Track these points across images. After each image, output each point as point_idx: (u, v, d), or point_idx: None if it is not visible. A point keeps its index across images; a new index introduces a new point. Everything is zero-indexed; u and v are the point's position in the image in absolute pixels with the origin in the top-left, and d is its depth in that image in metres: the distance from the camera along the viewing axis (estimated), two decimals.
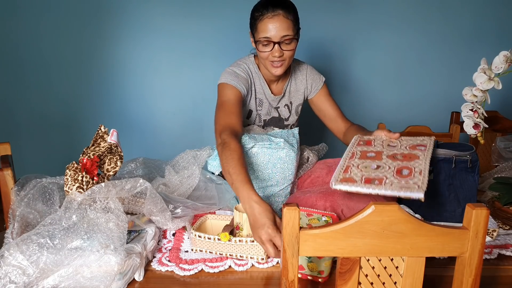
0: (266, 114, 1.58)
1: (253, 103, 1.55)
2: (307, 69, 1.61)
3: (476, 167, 1.26)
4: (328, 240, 0.72)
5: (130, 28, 2.40)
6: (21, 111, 2.47)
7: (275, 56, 1.37)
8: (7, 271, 0.85)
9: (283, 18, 1.34)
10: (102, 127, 1.17)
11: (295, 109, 1.62)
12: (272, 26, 1.34)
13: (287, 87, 1.57)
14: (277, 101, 1.58)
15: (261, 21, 1.35)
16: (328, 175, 1.30)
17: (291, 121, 1.63)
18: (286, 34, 1.35)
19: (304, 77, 1.59)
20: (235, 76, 1.45)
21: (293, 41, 1.38)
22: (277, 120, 1.60)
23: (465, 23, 2.47)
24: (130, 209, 1.09)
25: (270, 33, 1.35)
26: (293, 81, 1.58)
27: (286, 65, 1.42)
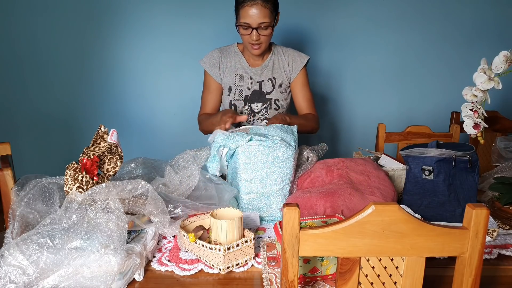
0: (247, 89, 1.73)
1: (231, 79, 1.72)
2: (289, 50, 1.77)
3: (476, 167, 1.26)
4: (328, 240, 0.72)
5: (130, 28, 2.40)
6: (21, 111, 2.47)
7: (253, 39, 1.58)
8: (7, 271, 0.85)
9: (261, 7, 1.53)
10: (102, 127, 1.17)
11: (279, 85, 1.75)
12: (251, 13, 1.53)
13: (268, 62, 1.74)
14: (258, 74, 1.73)
15: (242, 8, 1.55)
16: (327, 175, 1.30)
17: (275, 95, 1.74)
18: (263, 21, 1.55)
19: (285, 57, 1.75)
20: (210, 63, 1.73)
21: (269, 27, 1.58)
22: (259, 94, 1.74)
23: (465, 23, 2.47)
24: (130, 209, 1.09)
25: (249, 19, 1.54)
26: (275, 57, 1.75)
27: (263, 47, 1.63)
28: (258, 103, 1.74)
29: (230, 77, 1.73)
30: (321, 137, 2.63)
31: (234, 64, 1.73)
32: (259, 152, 1.28)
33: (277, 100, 1.75)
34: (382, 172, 1.33)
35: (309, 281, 0.96)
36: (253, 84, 1.73)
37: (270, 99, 1.74)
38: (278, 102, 1.75)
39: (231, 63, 1.74)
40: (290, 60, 1.75)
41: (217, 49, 1.76)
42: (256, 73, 1.73)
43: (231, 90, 1.74)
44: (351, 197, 1.19)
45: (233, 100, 1.74)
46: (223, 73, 1.74)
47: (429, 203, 1.26)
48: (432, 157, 1.24)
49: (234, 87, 1.73)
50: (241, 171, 1.28)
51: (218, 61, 1.73)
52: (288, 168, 1.30)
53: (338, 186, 1.23)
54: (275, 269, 1.01)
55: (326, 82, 2.55)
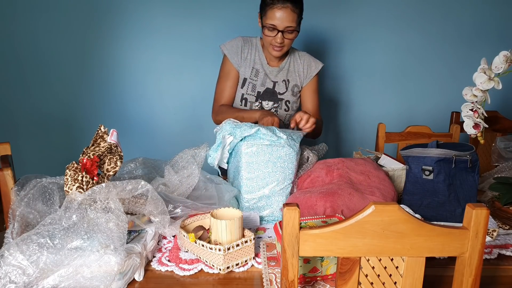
0: (261, 85, 1.72)
1: (248, 71, 1.71)
2: (305, 55, 1.78)
3: (476, 167, 1.26)
4: (328, 240, 0.72)
5: (130, 28, 2.40)
6: (21, 111, 2.47)
7: (277, 42, 1.57)
8: (7, 271, 0.85)
9: (290, 11, 1.52)
10: (102, 127, 1.17)
11: (292, 88, 1.75)
12: (279, 15, 1.52)
13: (285, 65, 1.74)
14: (274, 74, 1.73)
15: (271, 9, 1.53)
16: (327, 175, 1.30)
17: (286, 97, 1.74)
18: (290, 25, 1.54)
19: (301, 61, 1.76)
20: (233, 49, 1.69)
21: (294, 32, 1.58)
22: (271, 92, 1.73)
23: (465, 23, 2.47)
24: (130, 209, 1.09)
25: (276, 22, 1.53)
26: (291, 60, 1.75)
27: (285, 50, 1.63)
28: (269, 101, 1.73)
29: (248, 69, 1.71)
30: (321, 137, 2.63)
31: (253, 58, 1.71)
32: (262, 152, 1.28)
33: (288, 102, 1.74)
34: (382, 172, 1.33)
35: (309, 281, 0.96)
36: (268, 82, 1.72)
37: (281, 100, 1.74)
38: (289, 103, 1.75)
39: (251, 55, 1.71)
40: (305, 65, 1.75)
41: (240, 37, 1.72)
42: (272, 72, 1.72)
43: (245, 83, 1.71)
44: (351, 197, 1.19)
45: (245, 94, 1.72)
46: (242, 62, 1.71)
47: (429, 203, 1.26)
48: (432, 157, 1.24)
49: (248, 80, 1.71)
50: (243, 170, 1.28)
51: (241, 49, 1.70)
52: (290, 168, 1.30)
53: (338, 186, 1.23)
54: (275, 269, 1.01)
55: (326, 82, 2.55)
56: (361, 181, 1.27)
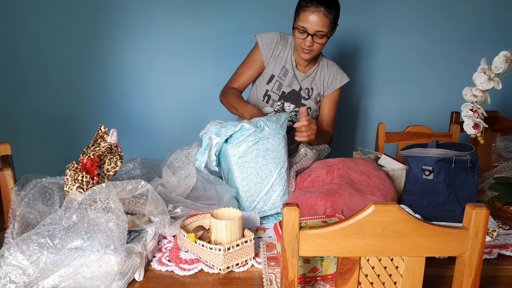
0: (287, 86, 1.70)
1: (278, 69, 1.68)
2: (334, 66, 1.77)
3: (476, 167, 1.26)
4: (328, 240, 0.72)
5: (130, 29, 2.40)
6: (21, 111, 2.47)
7: (306, 45, 1.54)
8: (7, 271, 0.85)
9: (323, 15, 1.49)
10: (102, 127, 1.17)
11: (315, 96, 1.74)
12: (311, 18, 1.50)
13: (312, 72, 1.72)
14: (300, 78, 1.71)
15: (303, 11, 1.51)
16: (328, 175, 1.30)
17: (309, 103, 1.73)
18: (321, 30, 1.51)
19: (329, 71, 1.74)
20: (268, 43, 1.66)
21: (325, 37, 1.54)
22: (296, 95, 1.71)
23: (466, 23, 2.47)
24: (130, 209, 1.09)
25: (307, 25, 1.51)
26: (319, 70, 1.74)
27: (314, 54, 1.60)
28: (291, 103, 1.71)
29: (278, 66, 1.68)
30: None
31: (286, 56, 1.69)
32: (249, 150, 1.28)
33: (309, 109, 1.72)
34: (382, 172, 1.33)
35: (309, 281, 0.96)
36: (295, 84, 1.70)
37: (304, 105, 1.72)
38: (310, 110, 1.73)
39: (284, 53, 1.68)
40: (331, 76, 1.73)
41: (278, 32, 1.69)
42: (299, 76, 1.70)
43: (272, 80, 1.68)
44: (351, 197, 1.19)
45: (270, 91, 1.69)
46: (273, 58, 1.68)
47: (429, 203, 1.26)
48: (432, 157, 1.24)
49: (276, 78, 1.68)
50: (236, 171, 1.29)
51: (275, 44, 1.67)
52: (280, 156, 1.30)
53: (338, 186, 1.23)
54: (275, 269, 1.01)
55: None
56: (361, 181, 1.27)
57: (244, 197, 1.29)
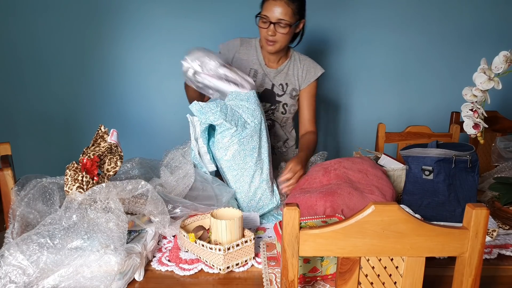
0: (260, 86, 1.72)
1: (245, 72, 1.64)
2: (307, 59, 1.75)
3: (476, 167, 1.26)
4: (328, 240, 0.72)
5: (130, 28, 2.40)
6: (21, 111, 2.47)
7: (268, 34, 1.56)
8: (7, 271, 0.85)
9: (285, 4, 1.51)
10: (102, 127, 1.17)
11: (290, 91, 1.73)
12: (273, 7, 1.52)
13: (284, 68, 1.72)
14: (272, 75, 1.72)
15: (267, 1, 1.55)
16: (324, 176, 1.30)
17: (284, 99, 1.73)
18: (283, 19, 1.52)
19: (301, 65, 1.74)
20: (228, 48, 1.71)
21: (287, 27, 1.55)
22: (270, 93, 1.72)
23: (465, 23, 2.47)
24: (130, 209, 1.09)
25: (269, 13, 1.53)
26: (291, 64, 1.73)
27: (278, 46, 1.60)
28: (267, 102, 1.73)
29: (244, 70, 1.70)
30: (320, 137, 2.63)
31: (251, 58, 1.71)
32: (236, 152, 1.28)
33: (285, 105, 1.74)
34: (379, 170, 1.33)
35: (309, 281, 0.96)
36: (266, 83, 1.72)
37: (279, 102, 1.73)
38: (287, 106, 1.74)
39: (248, 56, 1.71)
40: (305, 69, 1.73)
41: (239, 38, 1.74)
42: (270, 73, 1.72)
43: None
44: (351, 196, 1.19)
45: None
46: (236, 62, 1.70)
47: (429, 203, 1.26)
48: (432, 157, 1.24)
49: None
50: (227, 174, 1.31)
51: (236, 50, 1.71)
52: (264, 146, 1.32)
53: (338, 185, 1.23)
54: (275, 269, 1.01)
55: (326, 82, 2.54)
56: (359, 179, 1.27)
57: (240, 198, 1.30)
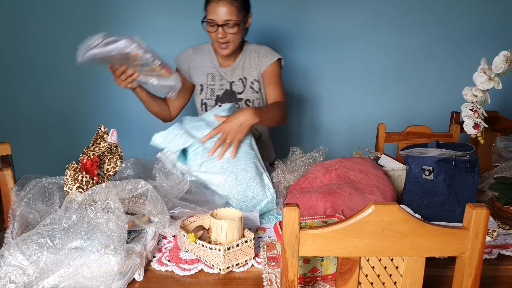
0: (219, 88, 1.71)
1: (203, 78, 1.71)
2: (262, 48, 1.70)
3: (476, 167, 1.26)
4: (328, 240, 0.72)
5: (130, 28, 2.40)
6: (21, 111, 2.47)
7: (219, 37, 1.54)
8: (7, 271, 0.85)
9: (228, 4, 1.50)
10: (102, 127, 1.17)
11: (250, 84, 1.70)
12: (217, 9, 1.50)
13: (239, 62, 1.69)
14: (229, 74, 1.70)
15: (209, 4, 1.52)
16: (325, 176, 1.30)
17: (246, 96, 1.71)
18: (229, 19, 1.51)
19: (257, 54, 1.69)
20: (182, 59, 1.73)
21: (236, 26, 1.53)
22: (230, 93, 1.71)
23: (465, 23, 2.47)
24: (130, 209, 1.09)
25: (215, 16, 1.51)
26: (246, 57, 1.70)
27: (231, 47, 1.58)
28: (228, 103, 1.67)
29: (202, 75, 1.71)
30: (321, 137, 2.63)
31: (206, 63, 1.71)
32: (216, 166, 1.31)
33: (248, 101, 1.71)
34: (380, 171, 1.33)
35: (309, 281, 0.96)
36: (225, 83, 1.71)
37: (241, 100, 1.71)
38: (249, 102, 1.71)
39: (203, 62, 1.72)
40: (261, 56, 1.68)
41: (191, 47, 1.74)
42: (227, 73, 1.70)
43: (203, 89, 1.72)
44: (351, 196, 1.19)
45: (204, 99, 1.72)
46: (194, 71, 1.72)
47: (429, 203, 1.26)
48: (432, 157, 1.24)
49: (205, 86, 1.71)
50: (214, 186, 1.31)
51: (190, 59, 1.72)
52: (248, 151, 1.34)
53: (338, 185, 1.23)
54: (275, 269, 1.01)
55: (326, 82, 2.55)
56: (360, 179, 1.27)
57: (233, 203, 1.30)
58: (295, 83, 2.53)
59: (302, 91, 2.56)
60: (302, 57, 2.49)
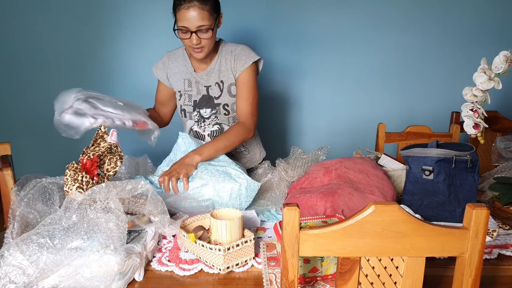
0: (197, 94, 1.66)
1: (180, 84, 1.66)
2: (238, 48, 1.61)
3: (476, 167, 1.26)
4: (328, 240, 0.72)
5: (130, 28, 2.40)
6: (21, 111, 2.47)
7: (193, 43, 1.47)
8: (7, 271, 0.85)
9: (199, 9, 1.42)
10: (102, 127, 1.17)
11: (227, 88, 1.63)
12: (188, 16, 1.42)
13: (215, 66, 1.62)
14: (205, 79, 1.63)
15: (179, 10, 1.44)
16: (325, 176, 1.30)
17: (223, 100, 1.64)
18: (202, 24, 1.44)
19: (232, 56, 1.60)
20: (159, 68, 1.69)
21: (209, 30, 1.47)
22: (207, 98, 1.65)
23: (465, 23, 2.47)
24: (130, 209, 1.09)
25: (187, 23, 1.44)
26: (222, 59, 1.61)
27: (206, 50, 1.52)
28: (206, 108, 1.65)
29: (179, 82, 1.66)
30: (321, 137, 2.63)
31: (181, 69, 1.66)
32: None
33: (226, 105, 1.64)
34: (380, 171, 1.33)
35: (309, 281, 0.96)
36: (201, 88, 1.65)
37: (218, 104, 1.64)
38: (228, 106, 1.65)
39: (179, 68, 1.66)
40: (234, 59, 1.59)
41: (166, 54, 1.70)
42: (202, 77, 1.63)
43: (182, 95, 1.67)
44: (351, 196, 1.19)
45: (183, 105, 1.68)
46: (171, 77, 1.67)
47: (429, 203, 1.26)
48: (432, 157, 1.24)
49: (183, 92, 1.67)
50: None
51: (166, 66, 1.67)
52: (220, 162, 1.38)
53: (338, 185, 1.23)
54: (275, 269, 1.01)
55: (326, 82, 2.55)
56: (360, 179, 1.27)
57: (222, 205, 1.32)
58: (295, 83, 2.53)
59: (302, 91, 2.56)
60: (301, 57, 2.49)
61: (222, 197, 1.31)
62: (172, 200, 1.25)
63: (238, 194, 1.31)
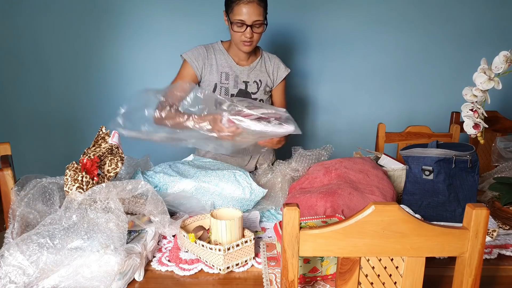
0: (234, 87, 1.72)
1: (217, 77, 1.70)
2: (275, 58, 1.80)
3: (476, 167, 1.26)
4: (328, 240, 0.72)
5: (130, 28, 2.40)
6: (21, 111, 2.47)
7: (247, 37, 1.58)
8: (7, 271, 0.85)
9: (257, 5, 1.54)
10: (103, 129, 1.17)
11: (264, 88, 1.75)
12: (246, 10, 1.54)
13: (256, 65, 1.75)
14: (246, 74, 1.73)
15: (237, 5, 1.54)
16: (325, 176, 1.30)
17: (259, 96, 1.75)
18: (258, 19, 1.56)
19: (272, 63, 1.78)
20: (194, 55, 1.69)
21: (262, 25, 1.59)
22: (244, 93, 1.73)
23: (466, 23, 2.47)
24: (130, 209, 1.09)
25: (244, 17, 1.54)
26: (263, 62, 1.77)
27: (254, 45, 1.64)
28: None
29: (216, 74, 1.70)
30: (321, 137, 2.63)
31: (220, 62, 1.71)
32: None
33: (261, 101, 1.74)
34: (380, 171, 1.33)
35: (309, 281, 0.96)
36: (239, 83, 1.71)
37: (255, 99, 1.73)
38: (263, 102, 1.74)
39: (217, 61, 1.71)
40: (275, 67, 1.77)
41: (202, 45, 1.73)
42: (242, 72, 1.72)
43: (216, 88, 1.71)
44: (351, 196, 1.19)
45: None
46: (207, 69, 1.70)
47: (429, 203, 1.26)
48: (432, 157, 1.24)
49: (219, 84, 1.70)
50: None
51: (204, 56, 1.70)
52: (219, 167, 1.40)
53: (338, 185, 1.23)
54: (275, 269, 1.01)
55: (326, 82, 2.55)
56: (360, 179, 1.27)
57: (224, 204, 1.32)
58: (295, 83, 2.53)
59: (302, 91, 2.56)
60: (301, 58, 2.49)
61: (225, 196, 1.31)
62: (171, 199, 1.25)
63: (241, 199, 1.31)
